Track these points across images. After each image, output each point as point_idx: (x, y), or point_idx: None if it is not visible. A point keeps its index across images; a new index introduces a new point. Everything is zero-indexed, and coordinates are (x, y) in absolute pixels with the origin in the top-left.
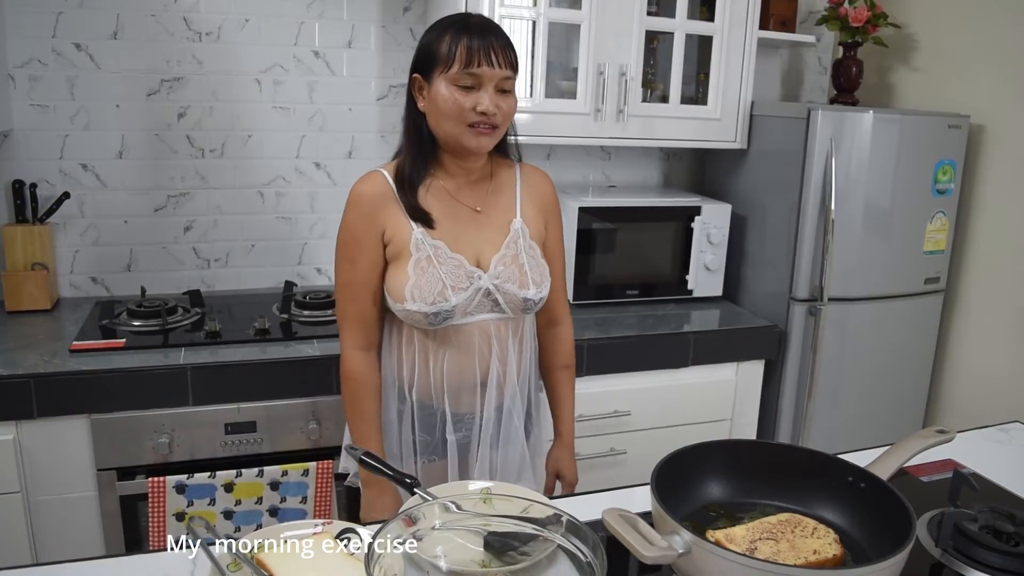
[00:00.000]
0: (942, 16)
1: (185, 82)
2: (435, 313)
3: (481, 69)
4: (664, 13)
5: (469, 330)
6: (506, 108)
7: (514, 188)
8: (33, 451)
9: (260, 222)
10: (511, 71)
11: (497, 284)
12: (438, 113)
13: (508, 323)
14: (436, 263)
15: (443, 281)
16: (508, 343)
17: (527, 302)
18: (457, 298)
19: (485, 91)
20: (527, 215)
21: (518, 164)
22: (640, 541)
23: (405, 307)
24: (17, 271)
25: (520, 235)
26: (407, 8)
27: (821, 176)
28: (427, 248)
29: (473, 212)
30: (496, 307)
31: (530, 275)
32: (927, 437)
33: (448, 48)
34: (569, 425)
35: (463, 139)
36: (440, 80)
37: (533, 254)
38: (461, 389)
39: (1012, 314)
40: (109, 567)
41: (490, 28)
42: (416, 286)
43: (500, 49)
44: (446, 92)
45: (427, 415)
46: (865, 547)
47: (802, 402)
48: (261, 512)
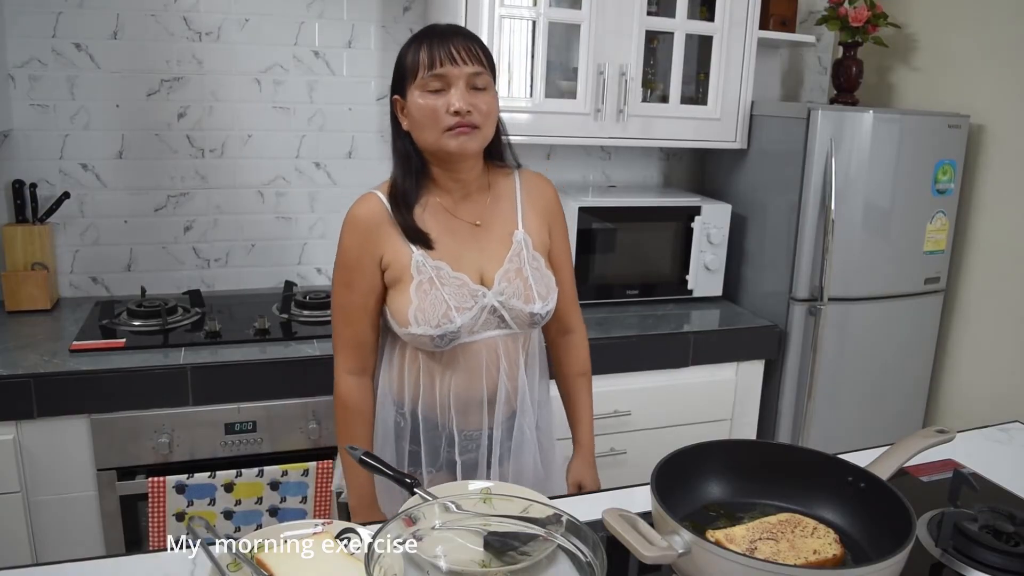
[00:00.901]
0: (942, 16)
1: (185, 82)
2: (441, 336)
3: (445, 68)
4: (664, 13)
5: (476, 348)
6: (484, 107)
7: (514, 197)
8: (33, 451)
9: (260, 222)
10: (479, 66)
11: (502, 301)
12: (416, 125)
13: (516, 338)
14: (439, 284)
15: (447, 303)
16: (517, 358)
17: (534, 317)
18: (462, 318)
19: (456, 88)
20: (529, 225)
21: (516, 171)
22: (640, 541)
23: (410, 331)
24: (17, 271)
25: (523, 247)
26: (407, 8)
27: (821, 176)
28: (428, 270)
29: (473, 227)
30: (502, 323)
31: (535, 289)
32: (927, 437)
33: (412, 57)
34: (588, 434)
35: (444, 144)
36: (413, 92)
37: (537, 266)
38: (469, 406)
39: (1012, 314)
40: (109, 567)
41: (453, 30)
42: (420, 309)
43: (463, 46)
44: (420, 101)
45: (432, 431)
46: (865, 547)
47: (802, 402)
48: (261, 512)
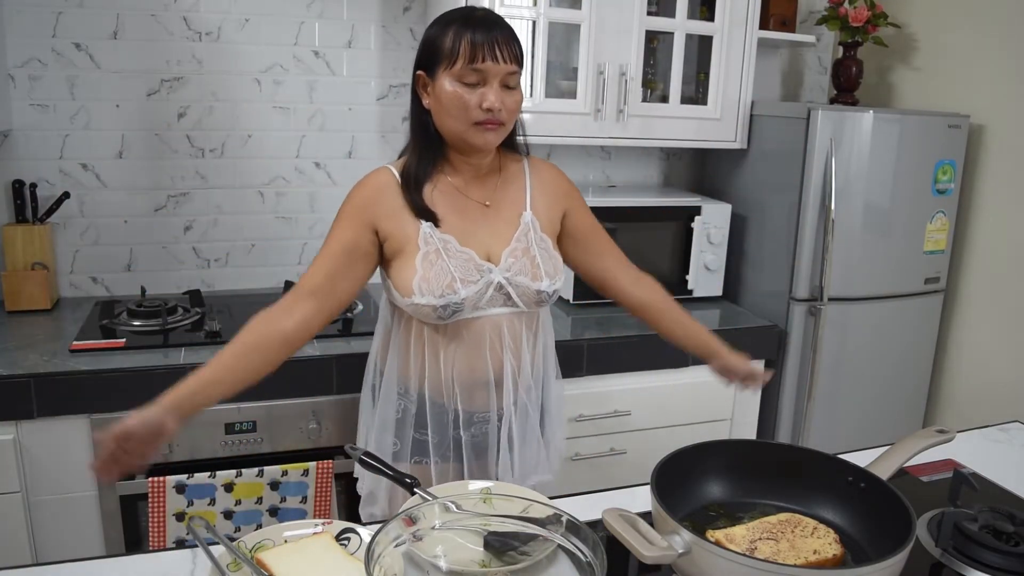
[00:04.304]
0: (942, 16)
1: (185, 82)
2: (444, 306)
3: (485, 65)
4: (664, 13)
5: (480, 324)
6: (511, 104)
7: (524, 181)
8: (33, 451)
9: (260, 222)
10: (516, 66)
11: (508, 277)
12: (443, 111)
13: (522, 317)
14: (445, 256)
15: (452, 274)
16: (522, 338)
17: (540, 294)
18: (467, 291)
19: (490, 87)
20: (538, 208)
21: (526, 158)
22: (640, 541)
23: (413, 300)
24: (17, 271)
25: (531, 227)
26: (407, 8)
27: (821, 176)
28: (436, 242)
29: (482, 207)
30: (508, 301)
31: (543, 267)
32: (927, 437)
33: (452, 43)
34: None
35: (469, 137)
36: (444, 77)
37: (545, 246)
38: (474, 387)
39: (1012, 314)
40: (109, 567)
41: (495, 22)
42: (424, 279)
43: (505, 44)
44: (451, 89)
45: (438, 412)
46: (865, 547)
47: (802, 402)
48: (261, 512)
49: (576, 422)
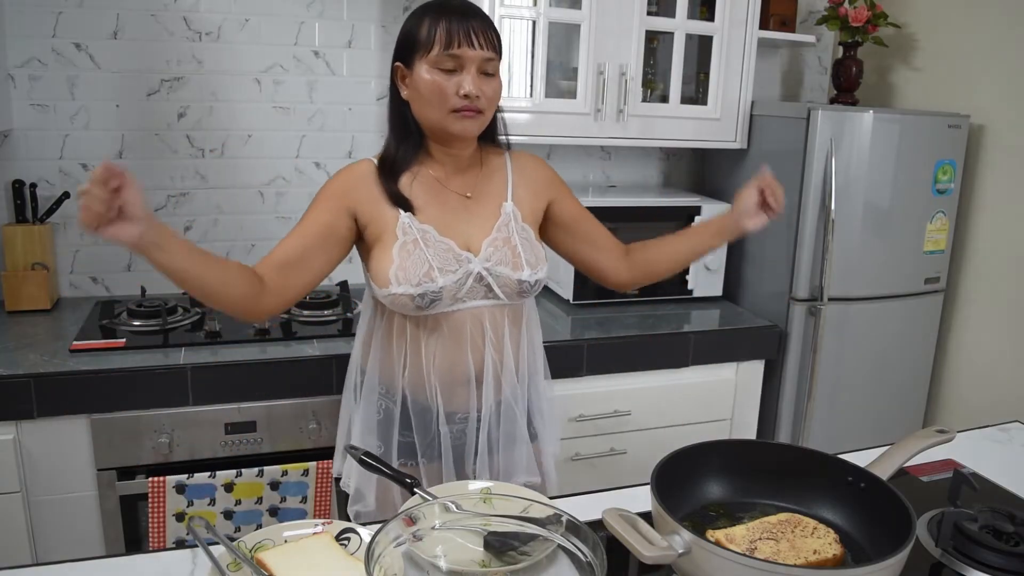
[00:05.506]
0: (942, 16)
1: (185, 82)
2: (421, 295)
3: (462, 50)
4: (664, 13)
5: (460, 317)
6: (490, 92)
7: (505, 173)
8: (33, 451)
9: (260, 222)
10: (493, 52)
11: (489, 267)
12: (421, 100)
13: (504, 310)
14: (423, 245)
15: (430, 263)
16: (505, 332)
17: (522, 284)
18: (445, 280)
19: (468, 73)
20: (519, 198)
21: (508, 152)
22: (640, 541)
23: (390, 291)
24: (17, 271)
25: (512, 218)
26: (407, 8)
27: (821, 176)
28: (414, 232)
29: (463, 198)
30: (489, 293)
31: (524, 256)
32: (927, 437)
33: (427, 31)
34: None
35: (448, 125)
36: (421, 65)
37: (527, 236)
38: (454, 384)
39: (1012, 314)
40: (109, 567)
41: (470, 10)
42: (401, 268)
43: (481, 30)
44: (428, 76)
45: (421, 412)
46: (865, 547)
47: (802, 402)
48: (261, 512)
49: (576, 422)
